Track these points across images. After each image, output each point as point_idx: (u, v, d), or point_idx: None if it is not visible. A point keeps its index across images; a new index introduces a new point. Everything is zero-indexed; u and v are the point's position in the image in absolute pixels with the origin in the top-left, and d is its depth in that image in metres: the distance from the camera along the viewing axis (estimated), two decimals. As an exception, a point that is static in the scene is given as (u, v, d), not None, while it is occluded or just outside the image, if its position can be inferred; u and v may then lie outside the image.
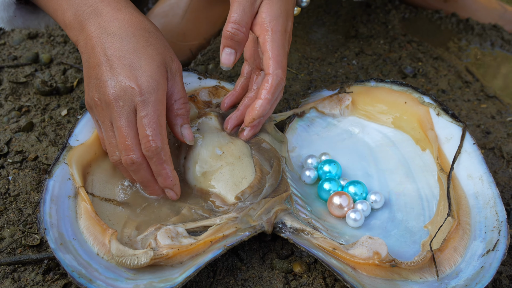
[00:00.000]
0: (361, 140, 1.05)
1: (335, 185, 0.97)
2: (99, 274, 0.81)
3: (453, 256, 0.85)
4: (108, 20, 0.88)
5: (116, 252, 0.82)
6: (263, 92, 0.91)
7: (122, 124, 0.86)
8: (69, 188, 0.90)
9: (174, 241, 0.84)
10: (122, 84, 0.85)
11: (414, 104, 1.03)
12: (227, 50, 0.91)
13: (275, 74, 0.90)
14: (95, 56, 0.88)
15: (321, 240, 0.86)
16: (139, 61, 0.86)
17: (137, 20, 0.89)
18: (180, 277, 0.80)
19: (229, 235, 0.86)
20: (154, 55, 0.87)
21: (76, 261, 0.81)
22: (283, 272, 0.88)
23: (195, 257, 0.84)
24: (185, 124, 0.92)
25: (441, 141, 0.99)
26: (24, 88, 1.19)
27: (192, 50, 1.34)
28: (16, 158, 1.03)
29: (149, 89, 0.85)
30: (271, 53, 0.90)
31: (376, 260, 0.82)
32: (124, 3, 0.90)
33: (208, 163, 0.93)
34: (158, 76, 0.86)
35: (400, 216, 0.95)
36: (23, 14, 1.01)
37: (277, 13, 0.91)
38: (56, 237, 0.83)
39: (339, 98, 1.07)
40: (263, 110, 0.92)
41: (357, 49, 1.33)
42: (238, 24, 0.89)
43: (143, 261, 0.81)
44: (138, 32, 0.88)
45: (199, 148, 0.94)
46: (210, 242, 0.85)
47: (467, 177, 0.94)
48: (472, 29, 1.42)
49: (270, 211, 0.88)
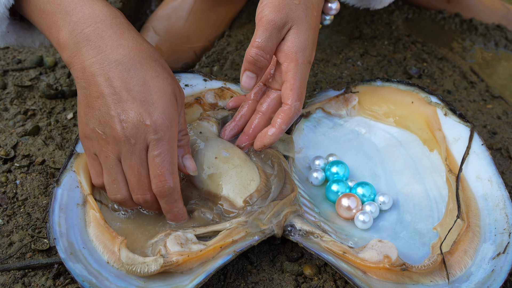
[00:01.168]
0: (368, 141, 1.05)
1: (343, 187, 0.97)
2: (110, 283, 0.81)
3: (463, 259, 0.85)
4: (111, 45, 0.81)
5: (126, 260, 0.82)
6: (278, 121, 0.90)
7: (134, 163, 0.81)
8: (78, 196, 0.90)
9: (184, 248, 0.83)
10: (135, 121, 0.79)
11: (421, 104, 1.03)
12: (248, 73, 0.89)
13: (294, 106, 0.89)
14: (97, 85, 0.81)
15: (330, 243, 0.86)
16: (150, 95, 0.80)
17: (141, 47, 0.83)
18: (191, 284, 0.80)
19: (238, 240, 0.85)
20: (165, 86, 0.82)
21: (86, 271, 0.81)
22: (293, 274, 0.88)
23: (205, 263, 0.83)
24: (186, 155, 0.88)
25: (449, 141, 0.99)
26: (29, 91, 1.18)
27: (196, 52, 1.34)
28: (23, 162, 1.03)
29: (163, 126, 0.80)
30: (293, 84, 0.88)
31: (386, 264, 0.82)
32: (126, 26, 0.84)
33: (215, 166, 0.92)
34: (170, 111, 0.81)
35: (408, 217, 0.95)
36: (17, 30, 0.95)
37: (304, 44, 0.88)
38: (66, 246, 0.83)
39: (345, 98, 1.06)
40: (275, 138, 0.91)
41: (361, 50, 1.33)
42: (262, 51, 0.87)
43: (153, 269, 0.81)
44: (145, 61, 0.82)
45: (204, 150, 0.93)
46: (219, 248, 0.84)
47: (476, 179, 0.94)
48: (476, 29, 1.42)
49: (279, 214, 0.88)
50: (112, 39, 0.81)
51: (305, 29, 0.88)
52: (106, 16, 0.83)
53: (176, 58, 1.32)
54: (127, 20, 0.86)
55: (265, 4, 0.88)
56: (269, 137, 0.91)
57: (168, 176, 0.82)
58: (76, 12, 0.82)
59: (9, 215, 0.95)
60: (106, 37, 0.81)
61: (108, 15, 0.83)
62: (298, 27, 0.88)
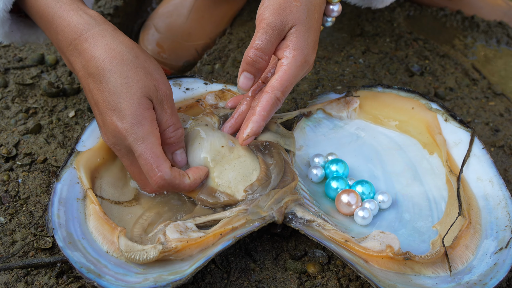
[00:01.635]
0: (367, 143, 1.05)
1: (343, 184, 0.97)
2: (108, 270, 0.81)
3: (465, 253, 0.86)
4: (87, 59, 0.86)
5: (125, 248, 0.83)
6: (257, 109, 0.91)
7: (126, 164, 0.90)
8: (78, 191, 0.90)
9: (183, 235, 0.84)
10: (111, 130, 0.86)
11: (422, 110, 1.04)
12: (246, 74, 0.91)
13: (275, 94, 0.90)
14: (88, 97, 0.89)
15: (332, 232, 0.86)
16: (120, 103, 0.84)
17: (113, 53, 0.86)
18: (190, 269, 0.80)
19: (238, 227, 0.86)
20: (133, 92, 0.85)
21: (84, 258, 0.82)
22: (296, 273, 0.88)
23: (205, 250, 0.84)
24: (177, 151, 0.91)
25: (449, 145, 1.00)
26: (30, 89, 1.18)
27: (197, 50, 1.34)
28: (25, 161, 1.03)
29: (133, 129, 0.84)
30: (282, 77, 0.89)
31: (389, 253, 0.83)
32: (100, 33, 0.87)
33: (221, 153, 0.92)
34: (140, 113, 0.84)
35: (407, 216, 0.95)
36: (20, 28, 0.98)
37: (303, 44, 0.90)
38: (64, 236, 0.84)
39: (346, 100, 1.07)
40: (257, 126, 0.91)
41: (363, 48, 1.33)
42: (262, 52, 0.89)
43: (152, 255, 0.82)
44: (115, 69, 0.85)
45: (211, 138, 0.94)
46: (219, 235, 0.85)
47: (476, 180, 0.95)
48: (477, 27, 1.42)
49: (280, 201, 0.88)
50: (87, 52, 0.86)
51: (305, 30, 0.90)
52: (82, 29, 0.87)
53: (177, 56, 1.32)
54: (103, 24, 0.88)
55: (266, 6, 0.89)
56: (249, 127, 0.91)
57: (154, 172, 0.85)
58: (60, 26, 0.88)
59: (11, 214, 0.95)
60: (82, 51, 0.87)
61: (83, 28, 0.87)
62: (298, 28, 0.90)
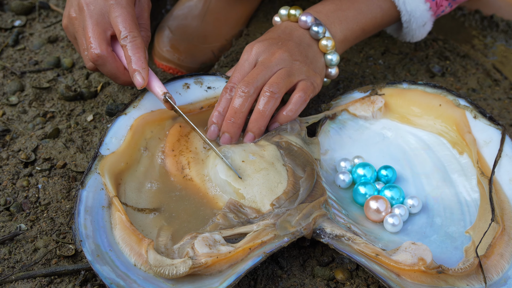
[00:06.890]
0: (394, 143, 1.03)
1: (371, 189, 0.95)
2: (138, 285, 0.79)
3: (499, 262, 0.84)
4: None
5: (154, 262, 0.81)
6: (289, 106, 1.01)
7: (88, 24, 0.95)
8: (103, 198, 0.89)
9: (212, 249, 0.82)
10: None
11: (449, 106, 1.01)
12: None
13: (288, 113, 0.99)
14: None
15: (362, 245, 0.84)
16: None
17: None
18: (221, 286, 0.79)
19: (267, 241, 0.84)
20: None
21: (114, 273, 0.80)
22: (325, 279, 0.86)
23: (234, 265, 0.82)
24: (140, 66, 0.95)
25: (479, 144, 0.97)
26: (47, 93, 1.17)
27: (214, 52, 1.32)
28: (44, 166, 1.02)
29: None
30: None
31: (421, 267, 0.81)
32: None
33: (242, 168, 0.91)
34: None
35: (439, 221, 0.93)
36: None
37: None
38: (92, 249, 0.82)
39: (371, 100, 1.05)
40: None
41: (382, 48, 1.31)
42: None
43: (182, 271, 0.80)
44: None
45: (232, 154, 0.92)
46: (248, 249, 0.83)
47: (509, 181, 0.92)
48: (497, 26, 1.40)
49: (308, 216, 0.87)
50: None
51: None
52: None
53: (193, 58, 1.30)
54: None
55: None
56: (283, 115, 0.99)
57: (92, 47, 0.94)
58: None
59: (32, 220, 0.93)
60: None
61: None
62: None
